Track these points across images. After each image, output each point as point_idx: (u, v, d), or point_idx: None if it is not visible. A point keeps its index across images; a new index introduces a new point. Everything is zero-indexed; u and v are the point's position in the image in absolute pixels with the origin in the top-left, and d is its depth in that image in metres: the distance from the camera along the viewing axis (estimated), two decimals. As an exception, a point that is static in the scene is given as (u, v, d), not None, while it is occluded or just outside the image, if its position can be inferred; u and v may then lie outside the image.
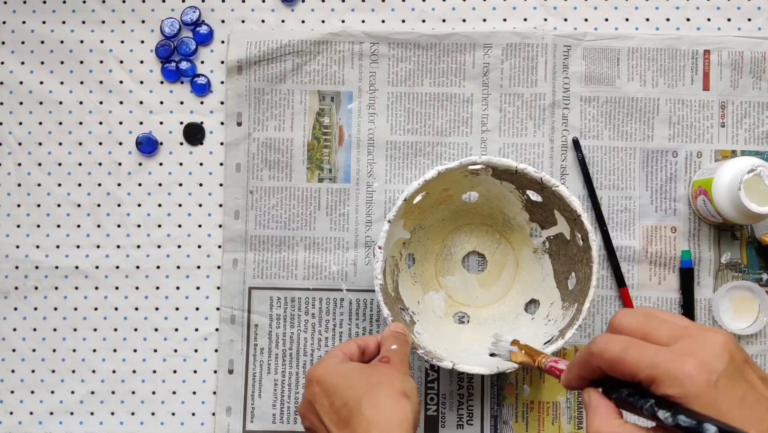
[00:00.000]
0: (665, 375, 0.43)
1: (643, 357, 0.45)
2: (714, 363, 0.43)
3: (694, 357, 0.43)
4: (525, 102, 0.82)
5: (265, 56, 0.83)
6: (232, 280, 0.82)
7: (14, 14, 0.85)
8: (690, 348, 0.44)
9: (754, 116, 0.82)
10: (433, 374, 0.81)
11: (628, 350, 0.46)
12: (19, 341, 0.83)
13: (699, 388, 0.43)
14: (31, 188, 0.83)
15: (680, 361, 0.43)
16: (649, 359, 0.44)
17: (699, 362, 0.43)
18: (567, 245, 0.76)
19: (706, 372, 0.43)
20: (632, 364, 0.45)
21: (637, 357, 0.45)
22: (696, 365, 0.43)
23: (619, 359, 0.46)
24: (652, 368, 0.44)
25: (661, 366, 0.44)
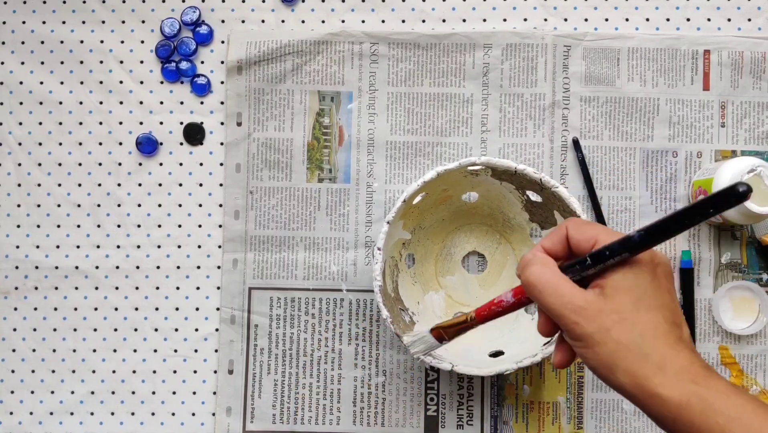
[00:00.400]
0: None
1: (606, 229, 0.54)
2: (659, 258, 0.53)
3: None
4: (525, 102, 0.82)
5: (265, 56, 0.83)
6: (232, 280, 0.82)
7: (14, 14, 0.85)
8: None
9: (754, 116, 0.82)
10: (433, 375, 0.81)
11: (596, 224, 0.55)
12: (19, 341, 0.83)
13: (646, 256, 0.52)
14: (31, 188, 0.84)
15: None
16: (610, 232, 0.53)
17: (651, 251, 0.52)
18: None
19: (650, 253, 0.52)
20: (598, 229, 0.53)
21: (601, 227, 0.54)
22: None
23: (588, 223, 0.55)
24: (613, 236, 0.52)
25: (618, 236, 0.52)
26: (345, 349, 0.82)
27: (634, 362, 0.49)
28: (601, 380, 0.52)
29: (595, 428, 0.81)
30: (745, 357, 0.81)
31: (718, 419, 0.47)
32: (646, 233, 0.50)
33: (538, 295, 0.52)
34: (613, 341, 0.50)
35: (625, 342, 0.50)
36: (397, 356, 0.81)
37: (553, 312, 0.52)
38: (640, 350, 0.49)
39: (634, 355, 0.49)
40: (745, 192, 0.44)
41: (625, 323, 0.50)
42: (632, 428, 0.81)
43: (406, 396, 0.81)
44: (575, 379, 0.81)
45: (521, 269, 0.54)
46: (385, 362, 0.81)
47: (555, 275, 0.53)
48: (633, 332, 0.50)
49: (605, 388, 0.81)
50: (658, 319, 0.50)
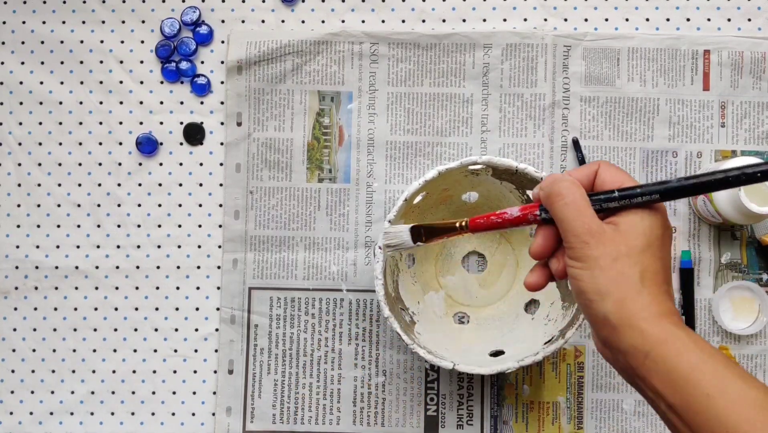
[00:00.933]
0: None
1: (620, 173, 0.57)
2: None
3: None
4: (525, 102, 0.82)
5: (265, 56, 0.83)
6: (232, 280, 0.82)
7: (14, 14, 0.85)
8: None
9: (754, 116, 0.82)
10: (433, 374, 0.81)
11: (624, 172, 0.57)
12: (19, 341, 0.83)
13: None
14: (31, 188, 0.84)
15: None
16: (624, 175, 0.56)
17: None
18: (567, 244, 0.76)
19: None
20: (626, 176, 0.56)
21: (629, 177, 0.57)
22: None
23: (619, 168, 0.57)
24: (622, 182, 0.55)
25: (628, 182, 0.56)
26: (345, 349, 0.82)
27: (627, 295, 0.52)
28: (581, 305, 0.55)
29: (595, 428, 0.81)
30: (745, 357, 0.81)
31: (691, 358, 0.50)
32: (684, 182, 0.53)
33: (562, 206, 0.54)
34: (616, 270, 0.52)
35: (626, 274, 0.52)
36: (397, 356, 0.81)
37: (569, 226, 0.54)
38: (636, 287, 0.52)
39: (629, 288, 0.52)
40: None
41: (632, 258, 0.52)
42: (632, 428, 0.81)
43: (406, 396, 0.81)
44: (575, 379, 0.81)
45: (548, 181, 0.56)
46: (385, 362, 0.81)
47: (583, 195, 0.55)
48: (635, 269, 0.52)
49: (605, 388, 0.81)
50: (658, 268, 0.53)
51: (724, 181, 0.53)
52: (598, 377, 0.81)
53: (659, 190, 0.54)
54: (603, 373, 0.81)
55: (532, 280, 0.59)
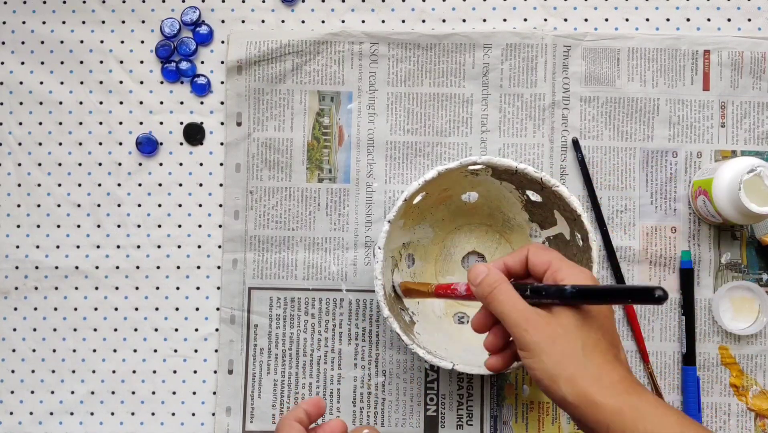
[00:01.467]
0: (567, 271, 0.60)
1: (561, 258, 0.62)
2: (596, 280, 0.63)
3: (585, 272, 0.61)
4: (525, 102, 0.82)
5: (265, 56, 0.83)
6: (231, 280, 0.82)
7: (14, 14, 0.85)
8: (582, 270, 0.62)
9: (754, 116, 0.82)
10: (433, 375, 0.81)
11: (553, 252, 0.63)
12: (19, 341, 0.83)
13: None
14: (31, 188, 0.84)
15: (575, 268, 0.61)
16: (566, 262, 0.62)
17: (590, 276, 0.61)
18: (567, 245, 0.76)
19: (593, 279, 0.61)
20: (553, 256, 0.62)
21: (556, 255, 0.63)
22: (587, 275, 0.61)
23: (546, 250, 0.63)
24: (561, 261, 0.62)
25: (565, 268, 0.61)
26: (345, 349, 0.82)
27: (575, 372, 0.55)
28: (544, 392, 0.58)
29: (595, 429, 0.81)
30: (745, 357, 0.81)
31: (647, 426, 0.53)
32: (578, 293, 0.58)
33: (498, 306, 0.60)
34: (558, 351, 0.56)
35: (568, 352, 0.56)
36: (397, 356, 0.81)
37: (508, 320, 0.59)
38: (581, 361, 0.56)
39: (576, 365, 0.56)
40: (661, 297, 0.53)
41: (570, 336, 0.57)
42: (632, 428, 0.81)
43: (406, 396, 0.81)
44: (575, 379, 0.81)
45: (479, 278, 0.62)
46: (385, 362, 0.81)
47: (511, 291, 0.60)
48: (576, 345, 0.56)
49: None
50: (599, 338, 0.58)
51: (606, 297, 0.59)
52: (597, 377, 0.81)
53: (562, 296, 0.58)
54: (603, 373, 0.81)
55: (492, 363, 0.65)
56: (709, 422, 0.80)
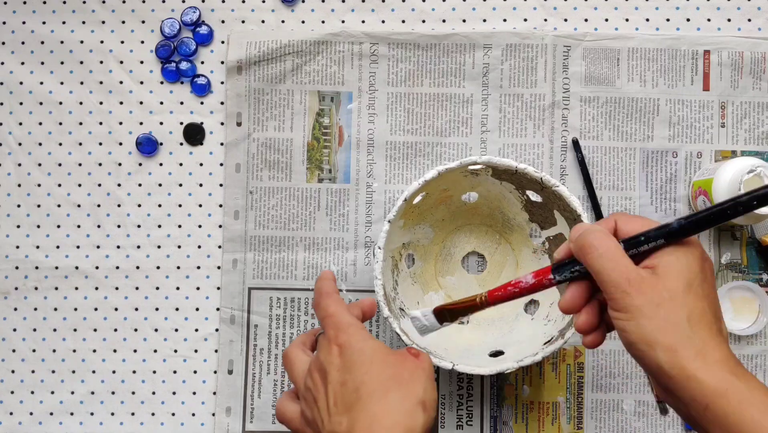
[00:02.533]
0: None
1: (653, 224, 0.55)
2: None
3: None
4: (525, 102, 0.82)
5: (265, 56, 0.83)
6: (231, 280, 0.82)
7: (14, 15, 0.85)
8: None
9: (754, 116, 0.82)
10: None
11: (644, 218, 0.56)
12: (19, 341, 0.83)
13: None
14: (31, 189, 0.84)
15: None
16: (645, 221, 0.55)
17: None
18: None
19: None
20: (646, 222, 0.55)
21: (649, 222, 0.55)
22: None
23: (636, 217, 0.56)
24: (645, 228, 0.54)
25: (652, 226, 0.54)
26: (345, 349, 0.82)
27: (678, 342, 0.50)
28: (634, 357, 0.53)
29: (595, 429, 0.81)
30: (745, 357, 0.81)
31: (753, 412, 0.48)
32: (690, 223, 0.53)
33: (596, 258, 0.53)
34: (661, 317, 0.51)
35: (672, 320, 0.50)
36: (397, 356, 0.81)
37: (607, 278, 0.52)
38: (685, 332, 0.50)
39: (679, 334, 0.50)
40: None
41: (676, 302, 0.51)
42: (632, 428, 0.81)
43: (406, 396, 0.81)
44: (575, 379, 0.81)
45: (579, 232, 0.55)
46: (385, 362, 0.81)
47: (616, 244, 0.54)
48: (681, 313, 0.51)
49: (605, 388, 0.81)
50: (705, 307, 0.52)
51: (745, 205, 0.51)
52: (597, 378, 0.81)
53: (683, 225, 0.53)
54: (603, 373, 0.81)
55: (591, 340, 0.57)
56: (709, 422, 0.80)
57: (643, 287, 0.51)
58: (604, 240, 0.53)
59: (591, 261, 0.53)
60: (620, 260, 0.53)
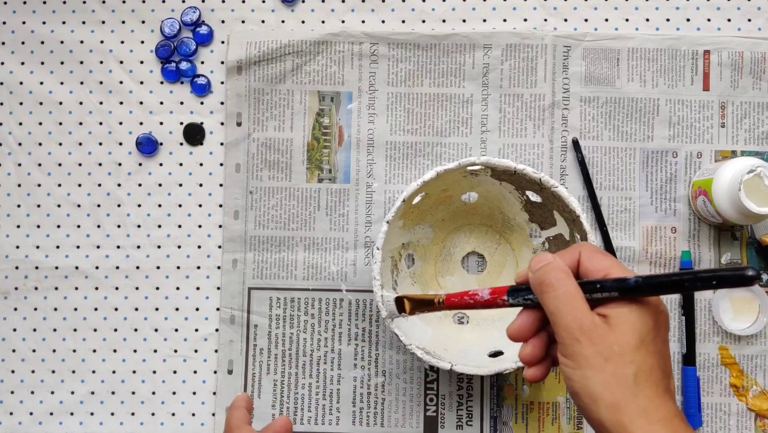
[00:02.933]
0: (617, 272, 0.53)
1: (620, 264, 0.54)
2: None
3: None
4: (525, 102, 0.82)
5: (265, 56, 0.83)
6: (231, 280, 0.82)
7: (14, 15, 0.85)
8: None
9: (754, 117, 0.82)
10: (433, 375, 0.81)
11: (609, 255, 0.55)
12: (19, 341, 0.83)
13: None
14: (31, 189, 0.84)
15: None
16: (622, 267, 0.54)
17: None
18: (566, 245, 0.76)
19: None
20: (610, 262, 0.54)
21: (615, 261, 0.54)
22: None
23: (602, 253, 0.55)
24: (625, 272, 0.53)
25: (614, 268, 0.53)
26: (344, 349, 0.82)
27: (622, 399, 0.49)
28: (578, 407, 0.52)
29: (595, 429, 0.81)
30: (745, 357, 0.81)
31: None
32: (646, 284, 0.51)
33: (552, 298, 0.52)
34: (608, 371, 0.50)
35: (619, 375, 0.50)
36: (397, 357, 0.81)
37: (561, 321, 0.51)
38: (630, 389, 0.49)
39: (624, 392, 0.49)
40: (753, 277, 0.46)
41: (625, 358, 0.50)
42: (632, 428, 0.81)
43: (406, 396, 0.81)
44: (575, 379, 0.81)
45: (540, 265, 0.54)
46: (385, 362, 0.81)
47: (576, 288, 0.52)
48: (629, 369, 0.50)
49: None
50: (654, 364, 0.51)
51: (704, 282, 0.49)
52: (597, 378, 0.81)
53: (639, 285, 0.51)
54: (603, 373, 0.81)
55: (532, 374, 0.56)
56: (709, 422, 0.80)
57: (594, 337, 0.50)
58: (564, 281, 0.52)
59: (547, 300, 0.52)
60: (576, 304, 0.51)
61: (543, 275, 0.53)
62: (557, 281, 0.52)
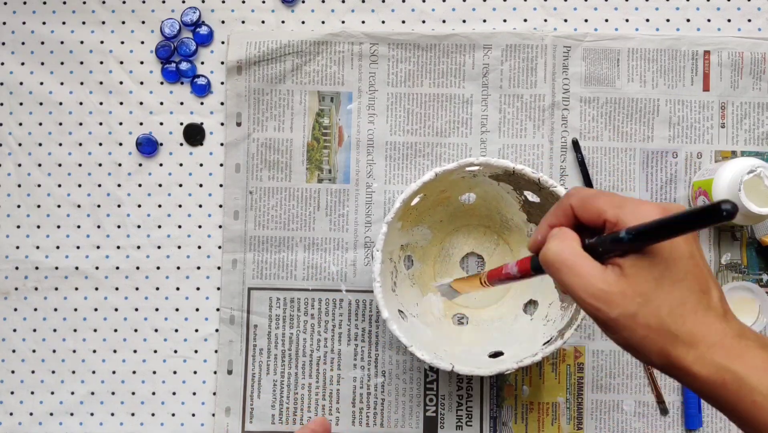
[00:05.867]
0: (630, 215, 0.49)
1: (612, 200, 0.50)
2: (672, 210, 0.49)
3: (655, 205, 0.49)
4: (524, 103, 0.82)
5: (265, 57, 0.83)
6: (231, 280, 0.82)
7: (14, 15, 0.85)
8: (649, 202, 0.50)
9: (754, 117, 0.82)
10: (432, 375, 0.81)
11: (600, 194, 0.51)
12: (19, 341, 0.83)
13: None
14: (31, 189, 0.84)
15: (644, 206, 0.49)
16: (618, 201, 0.50)
17: (661, 208, 0.49)
18: (566, 246, 0.76)
19: (662, 210, 0.49)
20: (602, 203, 0.50)
21: (606, 198, 0.51)
22: (659, 210, 0.49)
23: (592, 196, 0.51)
24: (619, 208, 0.49)
25: (627, 207, 0.49)
26: (344, 349, 0.82)
27: (665, 344, 0.48)
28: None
29: (595, 429, 0.81)
30: (745, 358, 0.80)
31: (755, 398, 0.46)
32: (636, 236, 0.48)
33: (555, 273, 0.50)
34: (641, 325, 0.48)
35: (653, 325, 0.48)
36: (397, 357, 0.81)
37: (575, 295, 0.50)
38: (669, 331, 0.48)
39: (664, 337, 0.48)
40: (729, 211, 0.42)
41: (651, 305, 0.48)
42: (632, 428, 0.81)
43: (405, 397, 0.81)
44: (575, 379, 0.81)
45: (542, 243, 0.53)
46: (384, 362, 0.81)
47: (573, 252, 0.50)
48: (660, 313, 0.48)
49: (605, 388, 0.81)
50: (683, 293, 0.48)
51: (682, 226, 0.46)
52: (597, 378, 0.81)
53: (629, 238, 0.48)
54: (603, 373, 0.81)
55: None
56: (709, 422, 0.80)
57: (613, 297, 0.48)
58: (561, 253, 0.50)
59: (557, 280, 0.51)
60: (582, 272, 0.49)
61: (543, 255, 0.51)
62: (556, 254, 0.50)
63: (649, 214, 0.48)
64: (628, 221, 0.49)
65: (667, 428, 0.81)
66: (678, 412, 0.81)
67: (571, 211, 0.52)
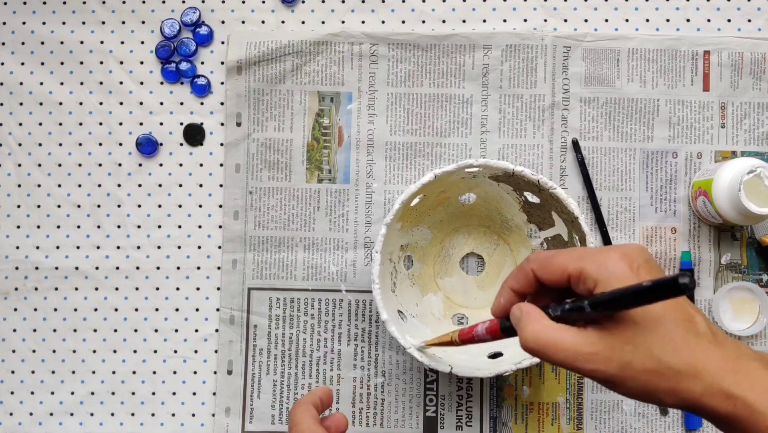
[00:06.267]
0: (592, 264, 0.49)
1: (572, 254, 0.51)
2: (633, 255, 0.49)
3: (615, 251, 0.50)
4: (524, 103, 0.82)
5: (265, 57, 0.83)
6: (231, 281, 0.82)
7: (14, 15, 0.85)
8: (609, 249, 0.51)
9: (754, 117, 0.82)
10: (432, 375, 0.81)
11: (558, 252, 0.52)
12: (19, 341, 0.83)
13: (623, 272, 0.48)
14: (31, 189, 0.84)
15: (604, 254, 0.50)
16: (577, 254, 0.51)
17: (621, 254, 0.49)
18: (565, 246, 0.76)
19: (628, 260, 0.49)
20: (563, 260, 0.51)
21: (566, 254, 0.51)
22: (619, 255, 0.49)
23: (551, 257, 0.52)
24: (581, 260, 0.50)
25: (588, 258, 0.50)
26: (344, 349, 0.82)
27: (671, 382, 0.47)
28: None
29: (595, 429, 0.81)
30: (744, 358, 0.80)
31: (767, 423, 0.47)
32: (598, 306, 0.48)
33: (543, 357, 0.50)
34: (639, 371, 0.48)
35: (651, 367, 0.47)
36: (396, 357, 0.81)
37: (567, 368, 0.49)
38: (669, 367, 0.47)
39: (667, 376, 0.47)
40: (686, 285, 0.42)
41: (642, 349, 0.48)
42: (632, 428, 0.81)
43: (405, 397, 0.81)
44: (575, 380, 0.81)
45: (527, 330, 0.51)
46: (384, 362, 0.81)
47: (547, 330, 0.49)
48: (653, 354, 0.47)
49: (605, 389, 0.81)
50: (668, 327, 0.48)
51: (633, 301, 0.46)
52: (597, 378, 0.81)
53: (591, 308, 0.48)
54: (602, 374, 0.81)
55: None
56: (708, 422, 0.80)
57: (604, 355, 0.48)
58: (539, 337, 0.49)
59: (550, 359, 0.49)
60: (565, 345, 0.48)
61: (528, 346, 0.50)
62: (535, 340, 0.49)
63: (609, 262, 0.49)
64: (590, 271, 0.49)
65: (667, 428, 0.81)
66: (678, 412, 0.81)
67: (533, 275, 0.53)
